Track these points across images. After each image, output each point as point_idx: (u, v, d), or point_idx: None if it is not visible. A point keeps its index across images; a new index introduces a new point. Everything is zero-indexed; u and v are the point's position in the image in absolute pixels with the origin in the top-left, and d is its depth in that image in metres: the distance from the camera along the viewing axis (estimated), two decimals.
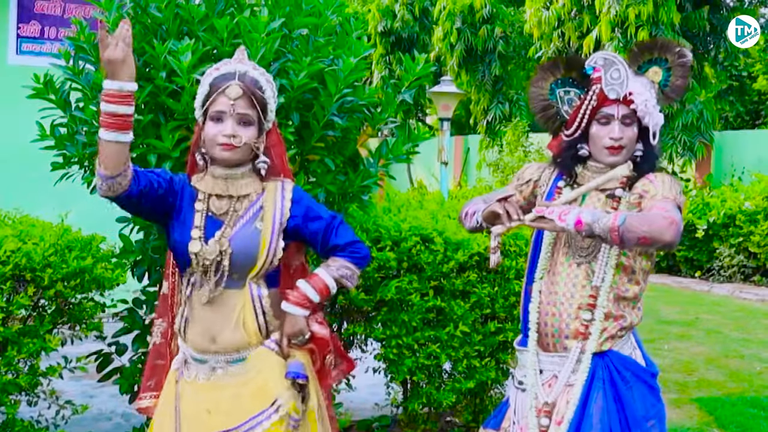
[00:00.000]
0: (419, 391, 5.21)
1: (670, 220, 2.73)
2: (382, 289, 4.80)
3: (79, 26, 3.98)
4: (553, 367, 3.05)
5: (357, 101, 4.13)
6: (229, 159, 2.80)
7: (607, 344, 2.98)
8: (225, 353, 2.84)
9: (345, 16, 4.35)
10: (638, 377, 3.00)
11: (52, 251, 4.20)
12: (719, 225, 12.95)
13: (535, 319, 3.08)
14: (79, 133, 4.04)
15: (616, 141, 2.99)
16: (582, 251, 3.03)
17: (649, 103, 2.99)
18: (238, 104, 2.76)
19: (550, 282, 3.08)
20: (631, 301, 3.04)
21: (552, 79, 3.23)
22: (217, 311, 2.83)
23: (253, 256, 2.81)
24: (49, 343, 4.25)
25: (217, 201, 2.85)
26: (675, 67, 3.10)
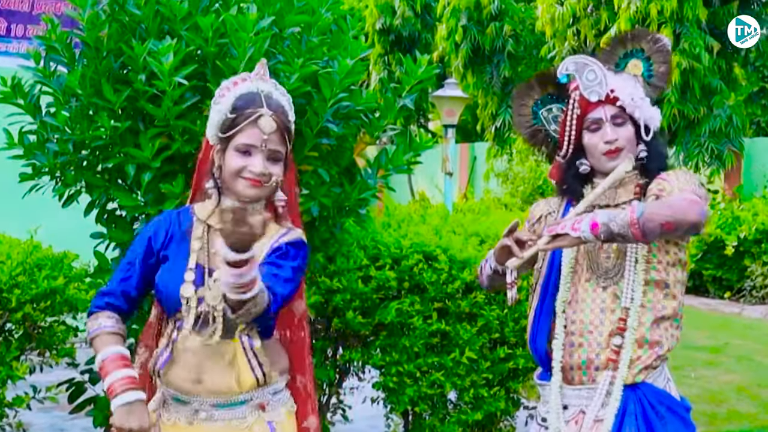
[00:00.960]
0: (422, 423, 5.21)
1: (691, 199, 2.76)
2: (381, 311, 4.81)
3: (50, 24, 3.96)
4: (579, 402, 3.02)
5: (353, 106, 4.14)
6: (254, 197, 2.71)
7: (641, 375, 2.96)
8: (211, 395, 2.75)
9: (340, 13, 4.37)
10: (673, 412, 2.98)
11: (19, 270, 4.21)
12: (751, 241, 12.95)
13: (560, 357, 3.07)
14: (50, 141, 4.04)
15: (611, 143, 3.00)
16: (607, 273, 3.02)
17: (635, 96, 3.01)
18: (270, 139, 2.67)
19: (572, 312, 3.06)
20: (671, 321, 3.01)
21: (531, 101, 3.29)
22: (207, 357, 2.73)
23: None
24: (16, 371, 4.25)
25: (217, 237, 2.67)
26: (653, 54, 3.14)
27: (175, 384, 2.77)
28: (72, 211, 4.18)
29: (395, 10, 22.03)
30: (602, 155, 3.03)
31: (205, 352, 2.72)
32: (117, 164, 3.96)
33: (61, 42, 3.98)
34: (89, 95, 3.90)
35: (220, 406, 2.75)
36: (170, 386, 2.79)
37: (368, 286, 4.75)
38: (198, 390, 2.74)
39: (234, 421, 2.75)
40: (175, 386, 2.77)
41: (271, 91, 2.74)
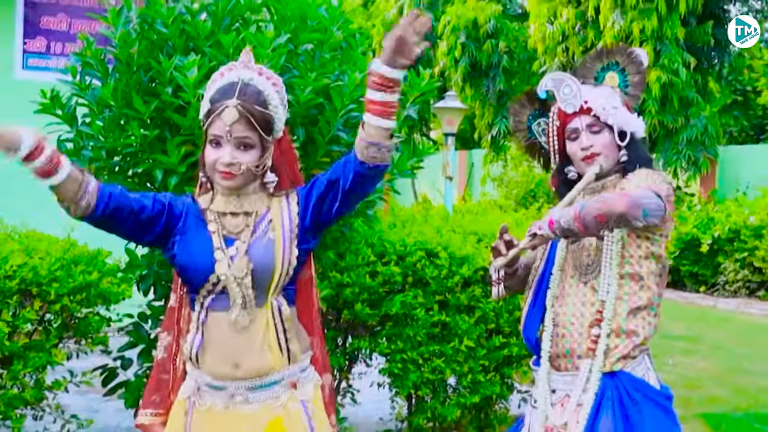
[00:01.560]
0: (424, 406, 5.21)
1: (623, 193, 2.77)
2: (387, 303, 4.81)
3: (85, 42, 3.99)
4: (565, 387, 3.03)
5: (362, 117, 4.14)
6: (230, 187, 2.64)
7: (618, 364, 2.94)
8: (247, 379, 2.66)
9: (350, 31, 4.37)
10: (650, 399, 2.96)
11: (58, 266, 4.21)
12: (724, 240, 12.93)
13: (548, 347, 3.08)
14: (85, 148, 4.04)
15: (587, 150, 3.01)
16: (587, 269, 3.03)
17: (607, 104, 3.01)
18: (235, 129, 2.55)
19: (559, 305, 3.08)
20: (647, 310, 2.99)
21: (525, 117, 3.32)
22: (241, 334, 2.65)
23: (270, 267, 2.64)
24: (55, 357, 4.26)
25: (232, 219, 2.67)
26: (627, 66, 3.15)
27: (212, 369, 2.68)
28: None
29: None
30: (581, 161, 3.05)
31: (237, 332, 2.65)
32: (146, 169, 3.96)
33: (96, 58, 3.99)
34: (121, 106, 3.90)
35: (255, 389, 2.68)
36: (206, 371, 2.70)
37: (375, 280, 4.75)
38: (235, 374, 2.66)
39: (268, 401, 2.68)
40: (212, 371, 2.68)
41: (251, 78, 2.61)
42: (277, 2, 4.18)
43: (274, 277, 2.65)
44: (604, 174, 3.03)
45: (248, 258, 2.63)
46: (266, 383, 2.69)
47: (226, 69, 2.68)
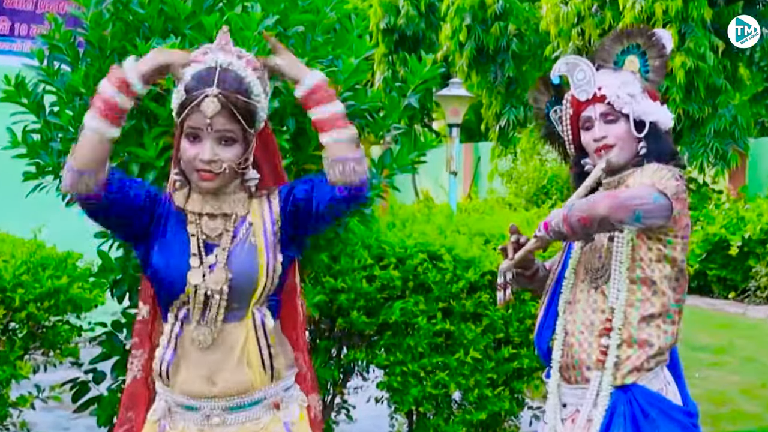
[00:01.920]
0: (426, 423, 5.21)
1: (608, 194, 2.81)
2: (385, 311, 4.81)
3: (53, 23, 3.97)
4: (575, 401, 3.04)
5: (358, 106, 4.14)
6: (210, 189, 2.59)
7: (631, 377, 2.93)
8: (224, 398, 2.62)
9: (344, 12, 4.36)
10: (667, 415, 2.94)
11: (23, 269, 4.22)
12: (755, 241, 12.92)
13: (558, 356, 3.09)
14: (54, 140, 4.04)
15: (599, 141, 3.02)
16: (597, 273, 3.04)
17: (622, 91, 3.01)
18: (216, 121, 2.49)
19: (570, 312, 3.09)
20: (662, 317, 2.98)
21: (543, 103, 3.33)
22: (217, 349, 2.61)
23: (254, 276, 2.60)
24: (20, 370, 4.26)
25: (209, 221, 2.62)
26: (648, 49, 3.12)
27: (185, 387, 2.64)
28: (75, 210, 4.18)
29: (399, 10, 22.00)
30: (594, 153, 3.06)
31: (214, 346, 2.59)
32: (121, 163, 3.95)
33: (65, 41, 3.98)
34: (93, 94, 3.87)
35: (233, 409, 2.63)
36: (179, 391, 2.65)
37: (372, 285, 4.75)
38: (211, 392, 2.61)
39: (248, 423, 2.64)
40: (186, 390, 2.64)
41: (231, 63, 2.56)
42: None
43: (258, 286, 2.61)
44: (621, 167, 3.03)
45: (228, 267, 2.57)
46: (246, 403, 2.64)
47: (200, 53, 2.61)
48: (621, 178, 3.04)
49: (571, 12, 15.93)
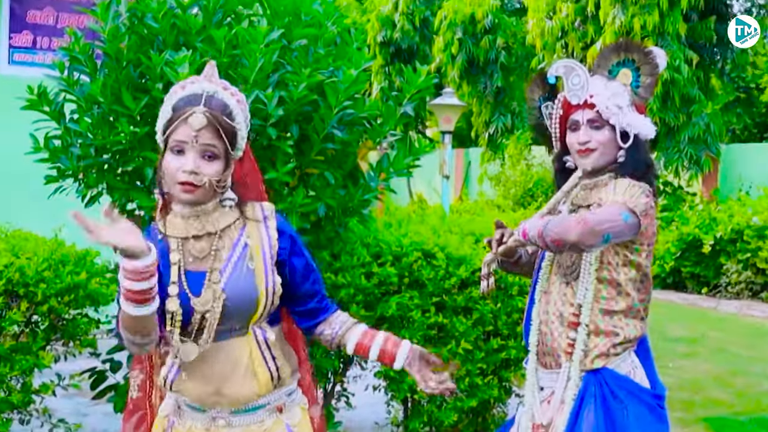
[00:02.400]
0: (420, 410, 5.20)
1: (578, 220, 2.83)
2: (382, 305, 4.80)
3: (73, 36, 3.98)
4: (551, 384, 3.11)
5: (357, 114, 4.14)
6: (190, 201, 2.48)
7: (599, 362, 3.00)
8: (231, 405, 2.57)
9: (345, 26, 4.37)
10: (635, 396, 2.99)
11: (45, 266, 4.21)
12: (726, 240, 12.93)
13: (535, 341, 3.15)
14: (73, 146, 4.04)
15: (583, 144, 3.05)
16: (567, 269, 3.09)
17: (611, 103, 3.02)
18: (202, 135, 2.42)
19: (545, 302, 3.14)
20: (626, 314, 3.03)
21: (538, 96, 3.33)
22: (223, 362, 2.54)
23: (253, 300, 2.53)
24: (42, 359, 4.25)
25: (196, 243, 2.53)
26: (642, 65, 3.13)
27: (193, 396, 2.58)
28: (94, 211, 4.17)
29: (395, 24, 22.01)
30: (576, 153, 3.10)
31: (220, 360, 2.54)
32: (136, 167, 3.95)
33: (84, 53, 3.98)
34: (110, 103, 3.90)
35: (238, 412, 2.58)
36: (186, 396, 2.59)
37: (370, 281, 4.75)
38: (219, 402, 2.56)
39: (252, 426, 2.59)
40: (193, 398, 2.58)
41: (216, 91, 2.50)
42: None
43: (258, 308, 2.55)
44: (598, 170, 3.07)
45: (222, 291, 2.50)
46: (251, 407, 2.60)
47: (188, 82, 2.55)
48: (597, 182, 3.08)
49: (555, 26, 15.98)
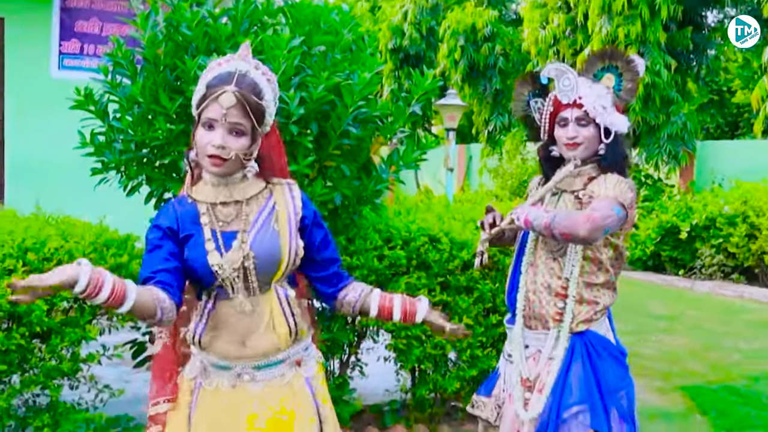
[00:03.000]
0: (426, 379, 5.20)
1: (587, 217, 2.89)
2: (392, 284, 4.79)
3: (116, 43, 3.98)
4: (537, 343, 3.18)
5: (370, 113, 4.13)
6: (219, 173, 2.49)
7: (582, 326, 3.11)
8: (254, 358, 2.55)
9: (359, 34, 4.35)
10: (610, 353, 3.12)
11: (91, 249, 4.21)
12: (701, 227, 12.90)
13: (522, 306, 3.21)
14: (116, 141, 4.04)
15: (570, 139, 3.12)
16: (554, 247, 3.14)
17: (597, 104, 3.09)
18: (230, 113, 2.41)
19: (533, 273, 3.20)
20: (604, 286, 3.15)
21: (527, 92, 3.37)
22: (247, 317, 2.53)
23: (276, 258, 2.52)
24: (89, 332, 4.25)
25: (223, 209, 2.53)
26: (625, 72, 3.19)
27: (219, 351, 2.55)
28: (134, 200, 4.18)
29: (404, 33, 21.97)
30: (564, 146, 3.16)
31: (245, 316, 2.52)
32: (172, 160, 3.95)
33: (126, 58, 3.98)
34: (149, 102, 3.89)
35: (261, 367, 2.56)
36: (213, 353, 2.57)
37: (382, 263, 4.74)
38: (243, 354, 2.54)
39: (274, 380, 2.58)
40: (219, 352, 2.55)
41: (248, 71, 2.47)
42: (293, 7, 4.17)
43: (281, 268, 2.54)
44: (581, 162, 3.15)
45: (249, 248, 2.48)
46: (272, 362, 2.58)
47: (224, 60, 2.53)
48: (581, 171, 3.15)
49: (548, 35, 15.93)
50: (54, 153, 5.60)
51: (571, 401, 3.02)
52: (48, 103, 5.95)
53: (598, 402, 3.02)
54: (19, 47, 7.70)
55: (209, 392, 2.58)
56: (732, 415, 5.86)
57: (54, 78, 7.82)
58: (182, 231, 2.53)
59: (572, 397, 3.02)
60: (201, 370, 2.61)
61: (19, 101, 7.63)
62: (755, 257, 12.16)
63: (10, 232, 4.18)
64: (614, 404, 3.04)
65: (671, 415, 5.84)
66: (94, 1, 8.07)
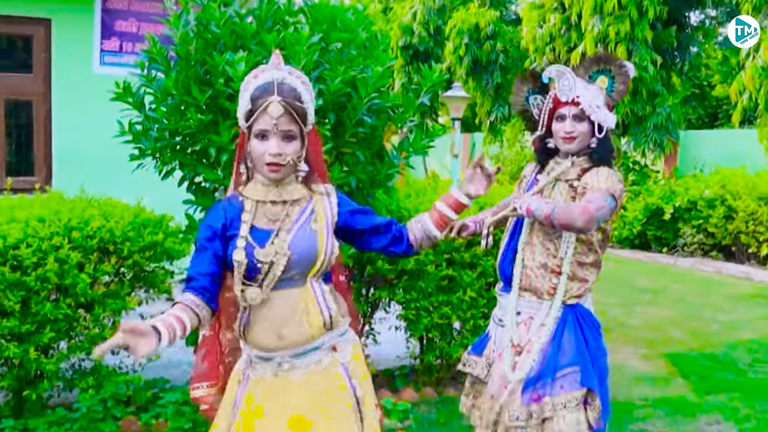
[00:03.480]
0: (433, 346, 5.20)
1: (582, 210, 2.93)
2: (403, 260, 4.79)
3: (152, 41, 3.98)
4: (529, 310, 3.22)
5: (383, 104, 4.12)
6: (276, 179, 2.47)
7: (573, 300, 3.17)
8: (290, 348, 2.50)
9: (372, 32, 4.33)
10: (593, 324, 3.22)
11: (130, 228, 4.21)
12: (683, 209, 12.85)
13: (518, 280, 3.24)
14: (151, 130, 4.04)
15: (568, 133, 3.16)
16: (550, 230, 3.16)
17: (593, 103, 3.14)
18: (280, 122, 2.38)
19: (530, 252, 3.23)
20: (592, 265, 3.21)
21: (526, 88, 3.41)
22: (281, 308, 2.49)
23: (313, 256, 2.48)
24: (128, 303, 4.27)
25: (272, 207, 2.49)
26: (617, 75, 3.23)
27: (258, 343, 2.52)
28: (168, 183, 4.17)
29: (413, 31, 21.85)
30: (561, 139, 3.20)
31: (281, 307, 2.49)
32: (202, 147, 3.94)
33: (160, 55, 3.97)
34: (181, 94, 3.89)
35: (299, 356, 2.51)
36: (254, 346, 2.53)
37: None
38: (280, 345, 2.49)
39: (312, 366, 2.52)
40: (259, 345, 2.52)
41: (284, 78, 2.43)
42: (312, 7, 4.15)
43: (317, 264, 2.49)
44: (574, 153, 3.20)
45: (287, 246, 2.44)
46: (308, 349, 2.53)
47: (259, 71, 2.48)
48: (573, 161, 3.20)
49: (545, 33, 15.83)
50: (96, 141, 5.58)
51: (564, 362, 3.09)
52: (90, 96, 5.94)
53: (588, 364, 3.10)
54: (65, 46, 7.71)
55: (255, 382, 2.55)
56: (710, 378, 5.84)
57: (96, 73, 7.81)
58: (230, 230, 2.50)
59: (566, 358, 3.09)
60: (248, 363, 2.58)
61: (65, 95, 7.65)
62: (732, 236, 12.11)
63: (57, 213, 4.19)
64: (597, 368, 3.13)
65: (655, 379, 5.83)
66: (132, 2, 8.05)
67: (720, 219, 12.14)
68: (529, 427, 3.09)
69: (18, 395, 4.25)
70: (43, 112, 7.71)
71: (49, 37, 7.69)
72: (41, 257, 3.94)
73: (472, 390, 3.45)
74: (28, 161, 7.79)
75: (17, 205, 4.37)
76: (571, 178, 3.18)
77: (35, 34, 7.67)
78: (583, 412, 3.06)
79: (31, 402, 4.23)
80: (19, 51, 7.84)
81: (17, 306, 3.92)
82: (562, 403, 3.04)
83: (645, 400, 5.31)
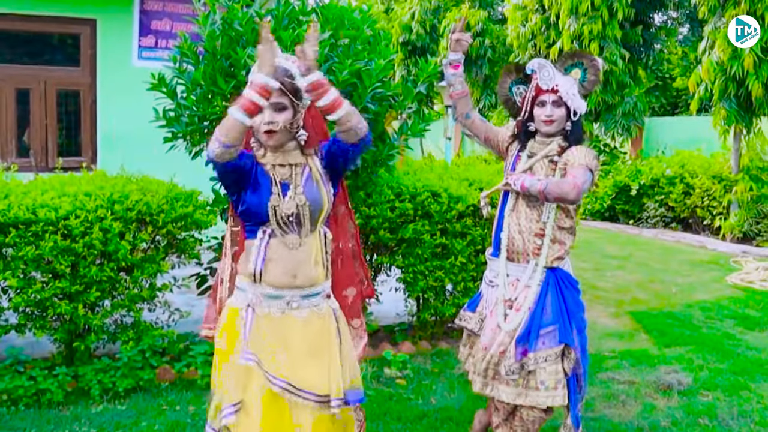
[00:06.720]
0: (429, 305, 5.21)
1: (573, 185, 3.02)
2: (402, 230, 4.78)
3: (183, 38, 3.98)
4: (516, 273, 3.25)
5: (385, 92, 4.09)
6: (272, 143, 2.51)
7: (555, 263, 3.22)
8: (302, 288, 2.53)
9: (376, 30, 4.31)
10: (573, 287, 3.27)
11: (164, 201, 4.21)
12: (647, 186, 12.81)
13: (506, 243, 3.27)
14: (183, 116, 4.03)
15: (548, 117, 3.21)
16: (532, 198, 3.21)
17: (570, 91, 3.21)
18: (272, 96, 2.37)
19: (516, 218, 3.25)
20: (569, 231, 3.26)
21: (510, 79, 3.45)
22: (300, 252, 2.52)
23: (320, 203, 2.54)
24: (163, 267, 4.27)
25: (281, 169, 2.53)
26: (589, 68, 3.31)
27: (273, 281, 2.52)
28: (197, 162, 4.15)
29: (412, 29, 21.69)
30: (541, 122, 3.24)
31: (297, 252, 2.52)
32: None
33: (190, 50, 3.97)
34: (208, 85, 3.87)
35: (305, 297, 2.55)
36: (268, 284, 2.52)
37: (394, 213, 4.72)
38: (293, 283, 2.52)
39: (314, 308, 2.57)
40: (273, 282, 2.52)
41: (278, 62, 2.43)
42: (323, 8, 4.13)
43: (324, 208, 2.56)
44: (552, 134, 3.25)
45: (304, 196, 2.52)
46: (313, 293, 2.57)
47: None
48: (551, 140, 3.24)
49: (527, 32, 15.73)
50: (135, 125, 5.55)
51: (546, 321, 3.16)
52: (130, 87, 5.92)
53: (566, 322, 3.16)
54: (107, 42, 7.71)
55: (262, 317, 2.53)
56: (670, 334, 5.85)
57: (134, 66, 7.78)
58: (254, 174, 2.53)
59: (547, 318, 3.16)
60: (251, 300, 2.54)
61: (108, 86, 7.67)
62: (689, 210, 12.09)
63: (101, 188, 4.18)
64: (575, 323, 3.19)
65: (622, 335, 5.83)
66: (166, 4, 8.00)
67: (679, 195, 12.11)
68: (520, 377, 3.17)
69: (69, 346, 4.27)
70: (89, 100, 7.72)
71: (94, 35, 7.68)
72: (88, 227, 3.95)
73: (468, 341, 3.49)
74: (76, 143, 7.81)
75: (67, 182, 4.37)
76: (550, 154, 3.23)
77: (83, 32, 7.67)
78: (561, 363, 3.14)
79: (80, 352, 4.25)
80: (68, 47, 7.82)
81: (67, 269, 3.95)
82: (543, 357, 3.13)
83: (613, 352, 5.32)
